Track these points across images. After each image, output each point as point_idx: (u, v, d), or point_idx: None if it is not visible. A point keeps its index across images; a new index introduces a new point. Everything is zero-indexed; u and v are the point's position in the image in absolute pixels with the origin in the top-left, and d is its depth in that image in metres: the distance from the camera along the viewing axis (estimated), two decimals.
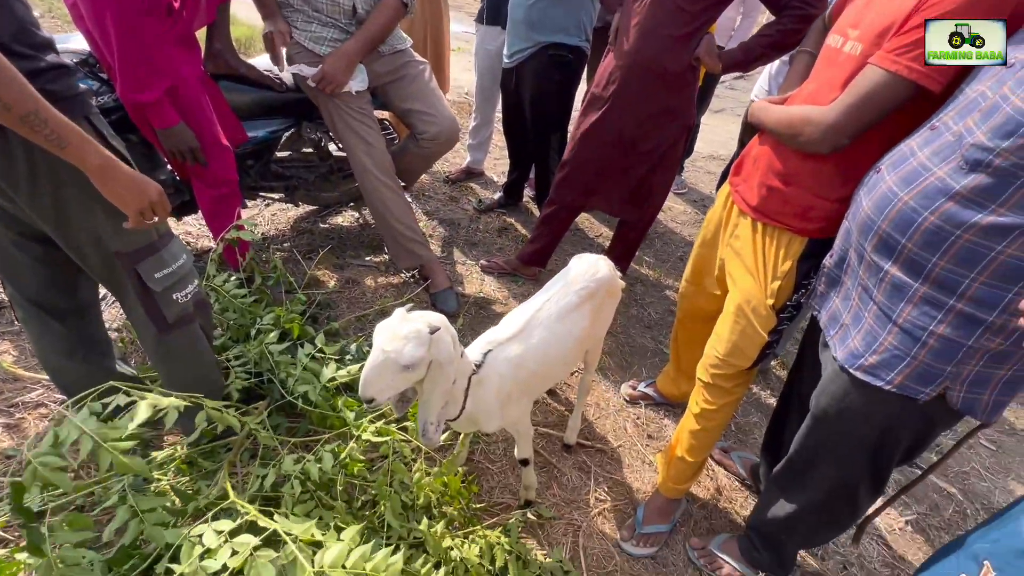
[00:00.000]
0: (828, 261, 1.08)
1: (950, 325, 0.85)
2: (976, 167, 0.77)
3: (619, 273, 1.47)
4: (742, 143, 2.52)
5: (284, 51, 1.87)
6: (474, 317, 2.14)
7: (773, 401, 2.01)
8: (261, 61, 2.07)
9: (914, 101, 0.92)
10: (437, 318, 0.96)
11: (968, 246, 0.80)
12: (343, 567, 0.84)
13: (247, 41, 4.90)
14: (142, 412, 0.94)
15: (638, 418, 1.85)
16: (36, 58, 0.88)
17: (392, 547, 0.94)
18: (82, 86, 0.99)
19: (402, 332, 0.89)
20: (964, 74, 0.87)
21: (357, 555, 0.86)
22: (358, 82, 1.88)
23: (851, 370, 0.97)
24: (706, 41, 1.63)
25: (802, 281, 1.19)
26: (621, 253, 2.18)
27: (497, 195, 3.02)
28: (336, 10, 1.82)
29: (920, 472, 1.83)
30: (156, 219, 0.99)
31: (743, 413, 1.94)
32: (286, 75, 2.00)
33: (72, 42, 1.59)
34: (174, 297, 1.14)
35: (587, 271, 1.32)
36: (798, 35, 1.50)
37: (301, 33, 1.85)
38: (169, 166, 1.90)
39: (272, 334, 1.54)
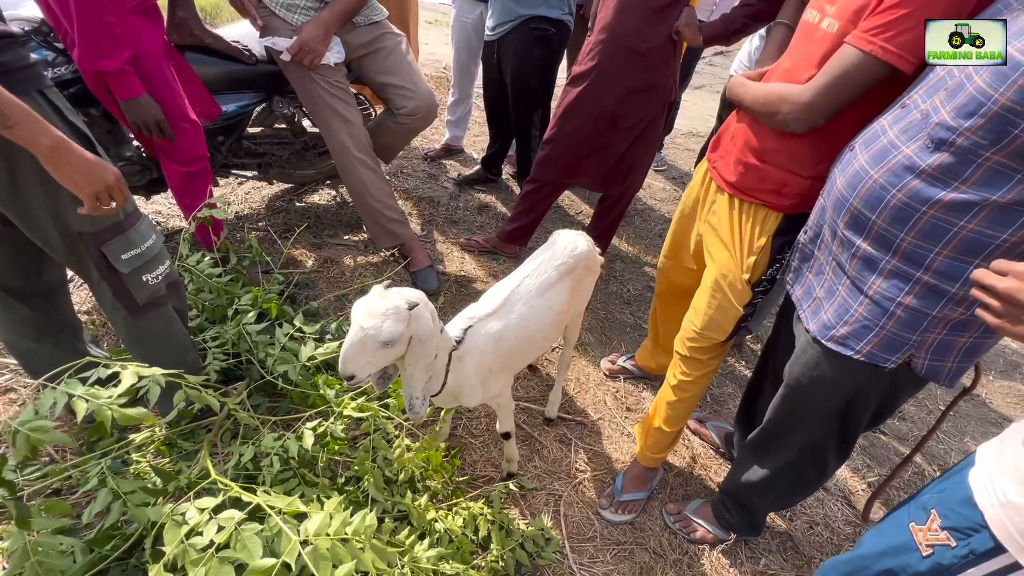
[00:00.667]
0: (802, 237, 1.11)
1: (916, 296, 0.88)
2: (941, 146, 0.80)
3: (598, 249, 1.48)
4: (721, 120, 2.53)
5: (254, 11, 1.78)
6: (455, 295, 2.14)
7: (747, 373, 2.08)
8: (229, 31, 1.98)
9: (887, 80, 0.93)
10: (415, 294, 0.96)
11: (933, 222, 0.83)
12: (327, 535, 0.85)
13: (212, 10, 4.67)
14: (127, 379, 0.93)
15: (617, 391, 1.89)
16: None
17: (369, 511, 0.95)
18: (34, 56, 0.94)
19: (380, 309, 0.89)
20: None
21: (338, 521, 0.87)
22: (334, 54, 1.82)
23: (823, 341, 1.01)
24: (686, 13, 1.62)
25: (777, 256, 1.22)
26: (602, 230, 2.19)
27: (476, 168, 2.99)
28: None
29: (883, 435, 1.93)
30: (113, 204, 0.95)
31: (718, 384, 2.00)
32: (256, 46, 1.92)
33: (23, 8, 1.50)
34: (144, 279, 1.10)
35: (566, 247, 1.33)
36: (779, 6, 1.50)
37: (273, 0, 1.77)
38: (135, 142, 1.83)
39: (250, 314, 1.52)
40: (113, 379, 0.95)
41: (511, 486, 1.45)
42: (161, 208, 2.34)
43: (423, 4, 6.68)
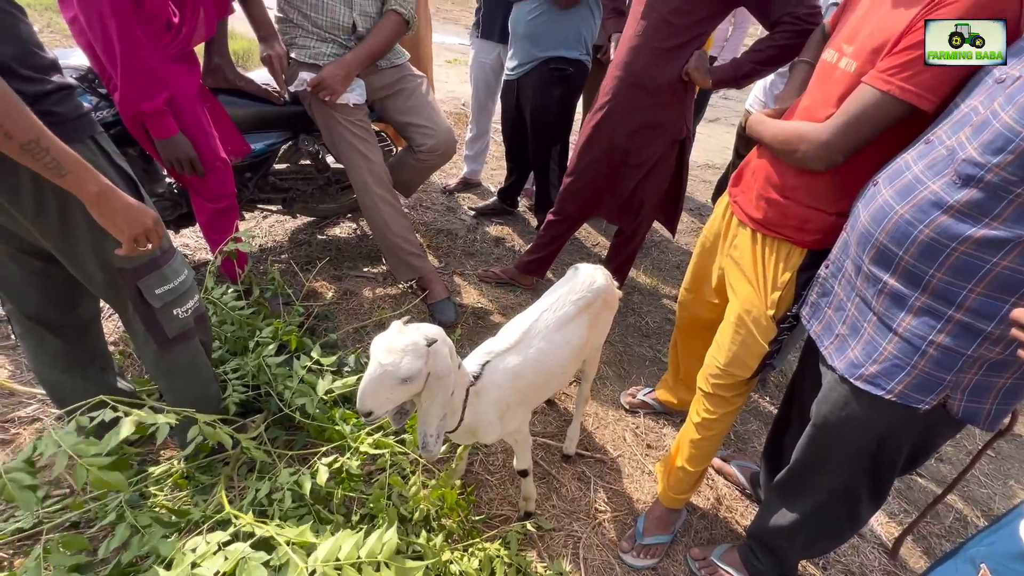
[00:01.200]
0: (823, 271, 1.09)
1: (949, 335, 0.85)
2: (968, 182, 0.78)
3: (616, 283, 1.48)
4: (737, 153, 2.54)
5: (283, 76, 1.88)
6: (472, 327, 2.14)
7: (773, 409, 2.01)
8: (260, 75, 2.08)
9: (908, 118, 0.93)
10: (434, 330, 0.96)
11: (964, 258, 0.81)
12: (336, 561, 0.83)
13: (245, 55, 4.93)
14: (125, 428, 0.94)
15: (637, 428, 1.85)
16: (42, 80, 0.88)
17: (384, 526, 0.93)
18: (86, 104, 0.99)
19: (399, 345, 0.89)
20: (957, 91, 0.88)
21: (350, 545, 0.85)
22: (356, 95, 1.90)
23: (852, 380, 0.97)
24: (696, 57, 1.64)
25: (801, 292, 1.20)
26: (619, 264, 2.19)
27: (493, 200, 3.03)
28: (335, 26, 1.84)
29: (920, 478, 1.83)
30: (149, 246, 0.99)
31: (742, 421, 1.94)
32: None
33: (72, 58, 1.60)
34: (175, 312, 1.13)
35: (584, 281, 1.32)
36: (791, 51, 1.51)
37: (300, 51, 1.87)
38: (168, 179, 1.91)
39: (270, 346, 1.53)
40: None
41: (528, 526, 1.41)
42: (189, 241, 2.41)
43: (443, 44, 6.97)
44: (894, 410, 0.94)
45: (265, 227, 2.63)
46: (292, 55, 1.89)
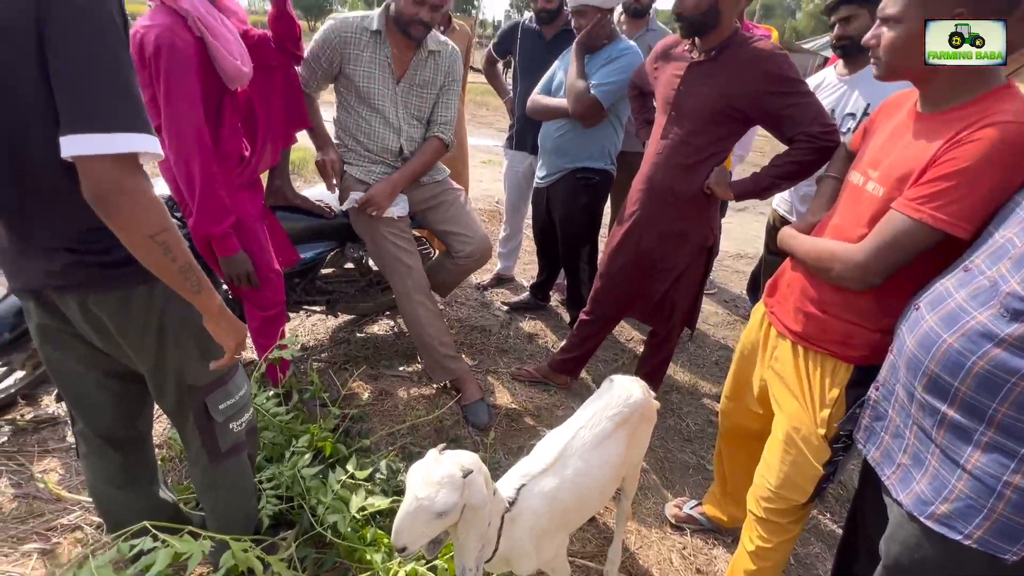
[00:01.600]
0: (874, 393, 1.04)
1: None
2: (1019, 316, 0.76)
3: (653, 394, 1.44)
4: (768, 249, 2.55)
5: (334, 179, 2.07)
6: (505, 431, 2.10)
7: (835, 528, 1.83)
8: (313, 191, 2.30)
9: (944, 242, 0.94)
10: (470, 459, 0.95)
11: None
12: None
13: (300, 163, 5.44)
14: (160, 561, 0.94)
15: (684, 548, 1.70)
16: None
17: None
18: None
19: (435, 477, 0.88)
20: (991, 217, 0.89)
21: None
22: (399, 208, 2.05)
23: (922, 519, 0.89)
24: (716, 172, 1.71)
25: (853, 409, 1.14)
26: (653, 367, 2.15)
27: (525, 295, 3.10)
28: (385, 150, 2.05)
29: None
30: (241, 355, 1.08)
31: (803, 543, 1.76)
32: (334, 203, 2.20)
33: (156, 188, 1.82)
34: (231, 427, 1.17)
35: (620, 395, 1.30)
36: (809, 167, 1.56)
37: (353, 168, 2.07)
38: (224, 286, 2.06)
39: (305, 456, 1.54)
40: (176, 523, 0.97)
41: None
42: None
43: (478, 146, 7.53)
44: (975, 558, 0.84)
45: (308, 325, 2.75)
46: (345, 170, 2.09)
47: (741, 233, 4.99)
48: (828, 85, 2.12)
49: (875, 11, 2.05)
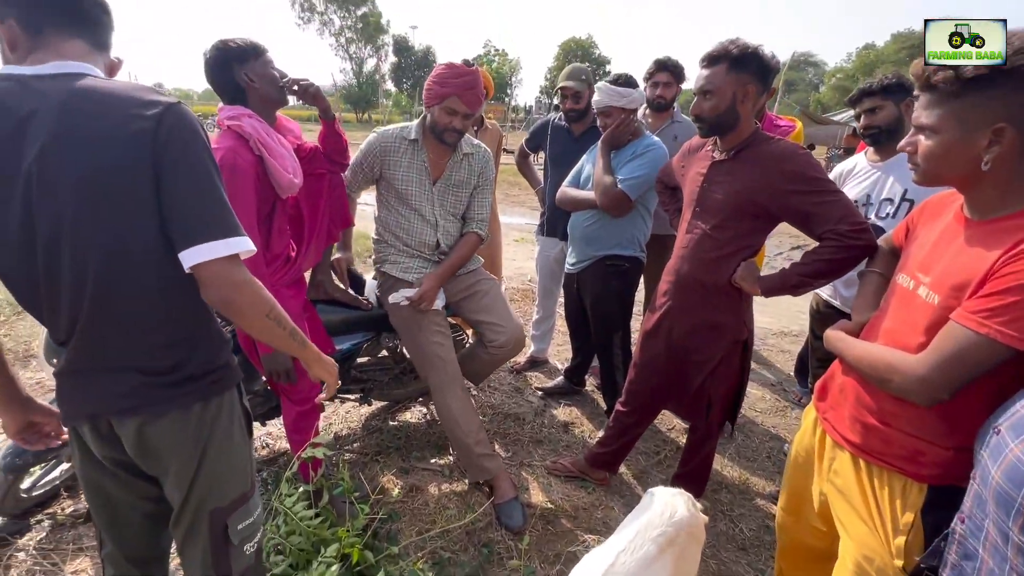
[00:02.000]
0: (959, 527, 0.92)
1: None
2: None
3: (699, 506, 1.33)
4: (813, 333, 2.44)
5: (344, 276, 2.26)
6: (541, 534, 1.97)
7: None
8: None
9: (1014, 356, 0.87)
10: None
11: None
12: None
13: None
14: None
15: None
16: (225, 340, 1.10)
17: None
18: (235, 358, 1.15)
19: None
20: None
21: None
22: (439, 301, 2.10)
23: None
24: (743, 267, 1.68)
25: (932, 536, 1.01)
26: (695, 467, 2.01)
27: (559, 380, 3.02)
28: (423, 244, 2.15)
29: None
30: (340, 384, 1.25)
31: None
32: (371, 295, 2.28)
33: None
34: (244, 548, 1.13)
35: (663, 513, 1.21)
36: (840, 264, 1.50)
37: (392, 266, 2.16)
38: (263, 379, 2.11)
39: (332, 568, 1.47)
40: None
41: None
42: (272, 430, 2.54)
43: (511, 225, 7.78)
44: None
45: (342, 412, 2.75)
46: (384, 269, 2.18)
47: (783, 308, 4.83)
48: (861, 172, 2.11)
49: (899, 101, 2.08)
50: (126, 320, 0.94)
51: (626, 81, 2.22)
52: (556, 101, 2.98)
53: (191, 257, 0.88)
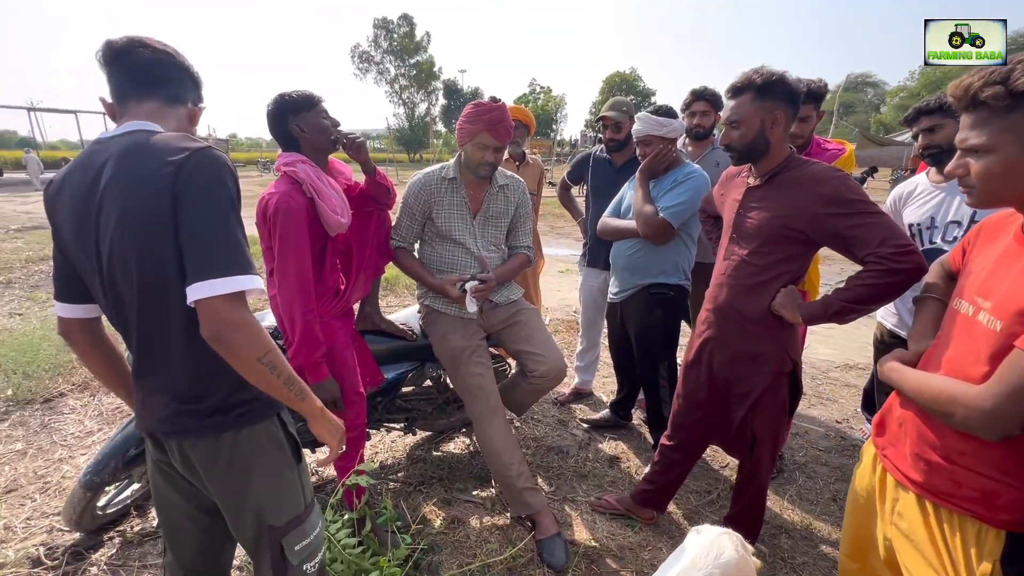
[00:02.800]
0: None
1: None
2: None
3: (750, 548, 1.25)
4: (875, 363, 2.27)
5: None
6: (584, 574, 1.89)
7: None
8: (397, 315, 2.47)
9: None
10: None
11: None
12: None
13: (394, 279, 5.95)
14: None
15: None
16: None
17: None
18: None
19: None
20: None
21: None
22: (471, 306, 2.11)
23: None
24: (783, 294, 1.61)
25: None
26: (745, 505, 1.88)
27: (604, 412, 2.95)
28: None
29: None
30: (343, 448, 1.20)
31: None
32: (415, 325, 2.35)
33: (266, 320, 2.07)
34: (304, 568, 1.17)
35: (708, 553, 1.14)
36: (886, 290, 1.42)
37: (435, 300, 2.21)
38: None
39: None
40: None
41: None
42: (321, 457, 2.62)
43: (556, 256, 7.82)
44: None
45: (387, 441, 2.80)
46: (427, 303, 2.24)
47: (847, 339, 4.52)
48: (923, 193, 2.00)
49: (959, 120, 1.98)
50: (161, 350, 1.03)
51: (666, 112, 2.25)
52: (597, 132, 3.05)
53: (192, 293, 0.92)
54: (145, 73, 1.06)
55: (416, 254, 2.28)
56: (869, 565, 1.25)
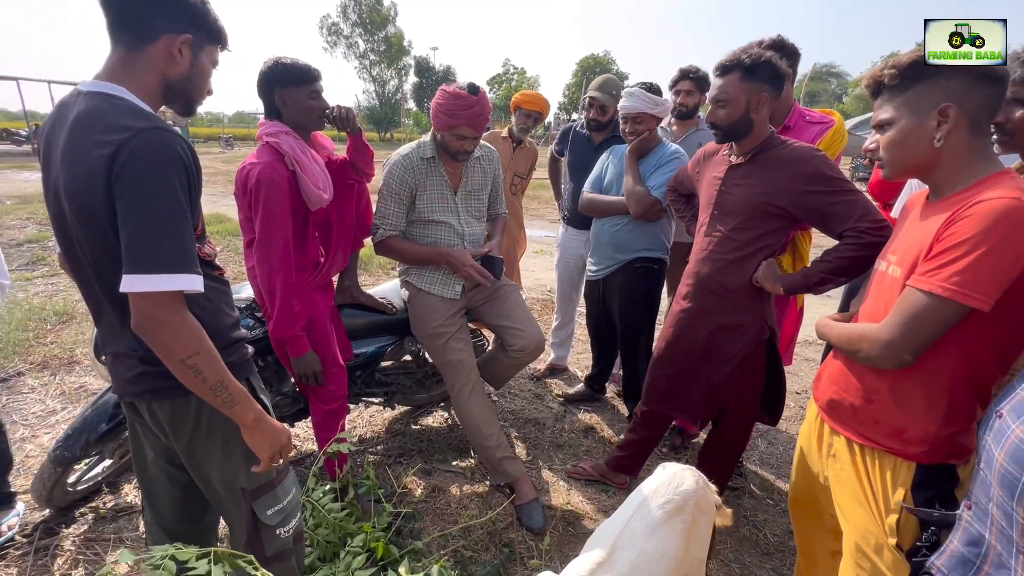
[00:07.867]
0: (965, 512, 0.93)
1: None
2: None
3: (714, 488, 1.35)
4: None
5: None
6: (562, 535, 1.98)
7: None
8: (377, 289, 2.47)
9: (977, 316, 0.94)
10: None
11: None
12: None
13: (366, 258, 5.87)
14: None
15: None
16: (226, 338, 1.11)
17: None
18: (250, 350, 1.21)
19: None
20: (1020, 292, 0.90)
21: None
22: (458, 286, 2.15)
23: None
24: (764, 266, 1.69)
25: (926, 515, 1.03)
26: (710, 465, 2.00)
27: (580, 387, 3.04)
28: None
29: None
30: (280, 462, 1.12)
31: None
32: (396, 300, 2.35)
33: (243, 292, 2.04)
34: (278, 532, 1.19)
35: (670, 483, 1.24)
36: (860, 262, 1.53)
37: (418, 278, 2.18)
38: (292, 380, 2.19)
39: (359, 558, 1.52)
40: None
41: None
42: (300, 432, 2.62)
43: (531, 237, 7.84)
44: None
45: (366, 416, 2.81)
46: (408, 279, 2.23)
47: (807, 318, 4.74)
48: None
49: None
50: (124, 315, 0.98)
51: (657, 89, 2.29)
52: (580, 114, 3.06)
53: (123, 284, 0.89)
54: (116, 12, 0.95)
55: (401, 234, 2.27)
56: (813, 499, 1.38)
